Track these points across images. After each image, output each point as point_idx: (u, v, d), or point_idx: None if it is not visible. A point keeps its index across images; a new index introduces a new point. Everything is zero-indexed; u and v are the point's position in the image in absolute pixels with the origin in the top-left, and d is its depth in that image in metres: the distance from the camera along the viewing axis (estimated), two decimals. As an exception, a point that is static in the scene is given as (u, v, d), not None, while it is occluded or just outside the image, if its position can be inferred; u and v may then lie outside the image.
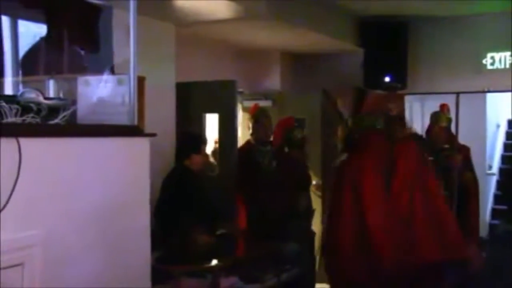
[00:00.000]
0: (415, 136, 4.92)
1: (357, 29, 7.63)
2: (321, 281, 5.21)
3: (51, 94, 3.44)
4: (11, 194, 2.09)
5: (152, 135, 2.84)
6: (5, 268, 2.05)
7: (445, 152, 5.01)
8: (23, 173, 2.15)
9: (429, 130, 5.08)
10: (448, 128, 5.15)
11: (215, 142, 6.85)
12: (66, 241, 2.38)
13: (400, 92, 7.77)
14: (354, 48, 7.61)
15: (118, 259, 2.62)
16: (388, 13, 7.21)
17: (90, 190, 2.51)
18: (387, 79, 7.53)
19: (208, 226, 4.13)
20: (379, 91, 7.64)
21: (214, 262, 3.88)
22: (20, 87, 3.85)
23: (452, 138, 5.17)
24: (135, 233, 2.74)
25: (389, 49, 7.48)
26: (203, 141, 4.56)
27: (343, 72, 7.88)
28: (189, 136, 4.66)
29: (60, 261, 2.34)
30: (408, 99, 8.06)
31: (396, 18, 7.40)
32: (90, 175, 2.52)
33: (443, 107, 5.27)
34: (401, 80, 7.61)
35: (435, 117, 5.14)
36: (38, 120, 2.43)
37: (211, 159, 6.03)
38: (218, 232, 4.27)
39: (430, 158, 4.91)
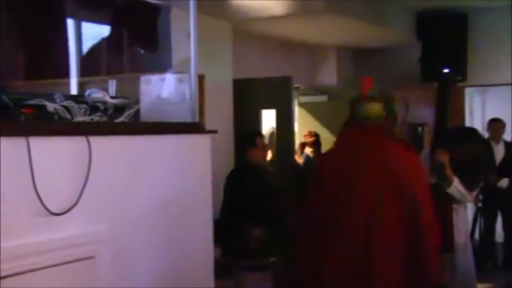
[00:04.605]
0: None
1: (415, 21, 7.53)
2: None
3: (113, 93, 3.55)
4: (82, 191, 2.17)
5: (213, 132, 2.89)
6: (78, 260, 2.15)
7: None
8: (92, 170, 2.23)
9: None
10: None
11: (304, 136, 6.90)
12: (132, 236, 2.45)
13: (459, 84, 7.63)
14: (411, 40, 7.52)
15: (182, 254, 2.68)
16: (447, 4, 7.09)
17: (154, 187, 2.57)
18: (445, 71, 7.41)
19: (267, 220, 4.18)
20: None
21: (274, 256, 3.92)
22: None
23: None
24: (198, 229, 2.79)
25: (448, 40, 7.36)
26: (257, 135, 4.59)
27: (401, 65, 7.80)
28: (242, 133, 4.72)
29: (128, 255, 2.41)
30: (468, 92, 7.91)
31: (454, 8, 7.27)
32: (154, 171, 2.58)
33: None
34: (460, 72, 7.47)
35: None
36: (105, 119, 2.51)
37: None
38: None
39: None
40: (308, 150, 6.83)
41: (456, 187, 3.99)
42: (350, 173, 3.10)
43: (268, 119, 6.28)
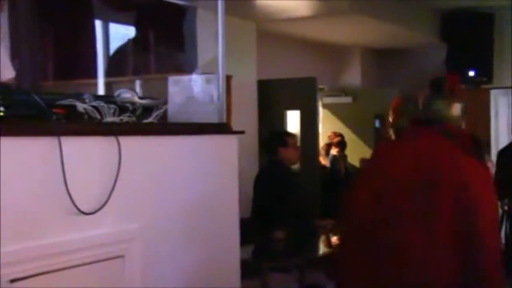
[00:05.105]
0: None
1: (440, 22, 7.47)
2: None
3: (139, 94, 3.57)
4: (112, 190, 2.19)
5: (241, 132, 2.90)
6: (109, 259, 2.17)
7: None
8: (122, 170, 2.24)
9: None
10: None
11: (329, 137, 6.92)
12: (160, 235, 2.46)
13: (485, 86, 7.54)
14: (436, 42, 7.46)
15: (209, 254, 2.69)
16: (472, 4, 7.01)
17: (182, 186, 2.58)
18: (471, 73, 7.33)
19: (293, 222, 4.18)
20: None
21: (298, 258, 3.92)
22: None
23: None
24: (225, 229, 2.80)
25: (473, 41, 7.28)
26: (289, 134, 4.61)
27: (426, 67, 7.72)
28: (273, 132, 4.74)
29: (156, 254, 2.43)
30: (493, 94, 7.82)
31: (480, 8, 7.19)
32: (182, 171, 2.59)
33: None
34: (486, 73, 7.39)
35: None
36: (133, 119, 2.52)
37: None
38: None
39: None
40: (334, 151, 6.83)
41: None
42: (422, 185, 2.66)
43: (292, 120, 6.28)
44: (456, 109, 2.86)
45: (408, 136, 2.87)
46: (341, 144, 6.82)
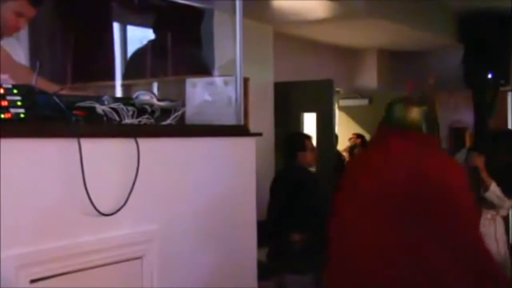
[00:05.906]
0: None
1: (457, 23, 7.42)
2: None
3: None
4: (131, 191, 2.20)
5: (258, 134, 2.90)
6: (127, 260, 2.18)
7: None
8: (140, 171, 2.26)
9: None
10: None
11: (350, 139, 6.94)
12: (179, 237, 2.47)
13: (503, 88, 7.48)
14: (453, 43, 7.42)
15: (227, 255, 2.70)
16: (490, 5, 6.96)
17: (200, 188, 2.59)
18: (489, 75, 7.28)
19: (311, 224, 4.18)
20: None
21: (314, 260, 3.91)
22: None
23: None
24: (243, 230, 2.81)
25: (491, 43, 7.23)
26: (306, 137, 4.62)
27: (443, 69, 7.69)
28: (291, 136, 4.75)
29: (174, 256, 2.44)
30: (511, 96, 7.76)
31: (498, 10, 7.13)
32: (200, 173, 2.60)
33: None
34: (504, 76, 7.34)
35: None
36: (152, 121, 2.53)
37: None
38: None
39: None
40: None
41: (494, 191, 3.83)
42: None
43: (309, 123, 6.28)
44: (415, 113, 2.94)
45: (377, 144, 2.98)
46: (364, 145, 6.86)
